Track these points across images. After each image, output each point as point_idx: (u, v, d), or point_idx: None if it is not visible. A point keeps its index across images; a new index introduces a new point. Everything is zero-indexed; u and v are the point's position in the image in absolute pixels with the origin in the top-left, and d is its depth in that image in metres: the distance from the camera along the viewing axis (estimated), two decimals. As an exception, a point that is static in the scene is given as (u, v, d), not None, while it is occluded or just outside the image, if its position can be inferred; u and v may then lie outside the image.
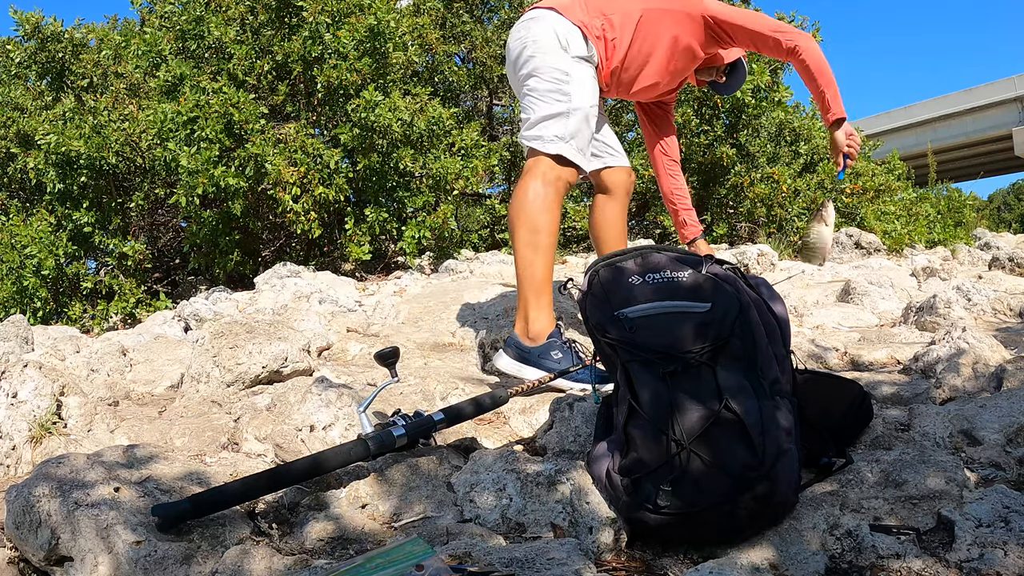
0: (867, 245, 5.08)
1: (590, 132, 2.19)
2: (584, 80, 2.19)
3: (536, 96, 2.17)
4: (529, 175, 2.12)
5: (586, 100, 2.17)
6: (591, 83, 2.21)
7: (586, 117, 2.16)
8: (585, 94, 2.17)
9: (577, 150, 2.14)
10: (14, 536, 1.25)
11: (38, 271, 4.64)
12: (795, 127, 6.31)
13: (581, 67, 2.19)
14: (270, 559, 1.18)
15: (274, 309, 3.36)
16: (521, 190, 2.12)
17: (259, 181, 4.61)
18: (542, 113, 2.14)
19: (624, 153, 2.54)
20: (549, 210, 2.08)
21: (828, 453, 1.43)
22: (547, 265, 2.09)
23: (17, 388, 1.72)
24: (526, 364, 2.05)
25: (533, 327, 2.06)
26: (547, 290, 2.09)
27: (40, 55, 5.85)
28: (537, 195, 2.09)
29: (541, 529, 1.30)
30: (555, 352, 2.03)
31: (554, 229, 2.10)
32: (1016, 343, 2.28)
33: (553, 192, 2.10)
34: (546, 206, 2.08)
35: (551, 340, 2.04)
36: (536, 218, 2.07)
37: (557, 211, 2.11)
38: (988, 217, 12.70)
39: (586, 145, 2.18)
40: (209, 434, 1.78)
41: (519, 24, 2.30)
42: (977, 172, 24.35)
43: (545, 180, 2.10)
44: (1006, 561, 1.12)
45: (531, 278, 2.08)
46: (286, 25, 5.11)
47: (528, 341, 2.06)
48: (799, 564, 1.18)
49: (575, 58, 2.18)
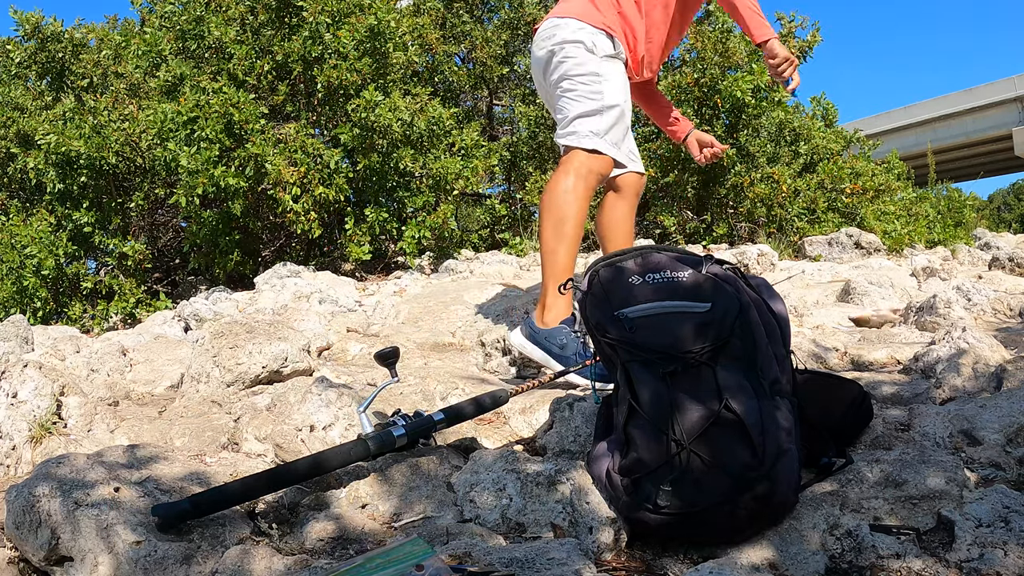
0: (867, 245, 5.08)
1: (625, 127, 2.28)
2: (615, 78, 2.26)
3: (570, 97, 2.25)
4: (562, 168, 2.22)
5: (619, 96, 2.24)
6: (622, 80, 2.28)
7: (621, 113, 2.25)
8: (617, 91, 2.25)
9: (612, 144, 2.23)
10: (14, 536, 1.26)
11: (38, 271, 4.64)
12: (795, 127, 6.30)
13: (611, 65, 2.26)
14: (270, 559, 1.18)
15: (274, 309, 3.36)
16: (553, 182, 2.22)
17: (259, 181, 4.61)
18: (576, 112, 2.23)
19: (640, 161, 2.54)
20: (578, 202, 2.18)
21: (828, 453, 1.43)
22: (569, 255, 2.17)
23: (17, 388, 1.72)
24: (530, 342, 2.15)
25: (548, 314, 2.16)
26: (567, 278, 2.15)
27: (40, 55, 5.85)
28: (568, 188, 2.18)
29: (541, 529, 1.30)
30: (561, 338, 2.11)
31: (580, 220, 2.19)
32: (1016, 343, 2.28)
33: (584, 185, 2.19)
34: (575, 198, 2.17)
35: (560, 327, 2.13)
36: (564, 209, 2.17)
37: (586, 204, 2.21)
38: (988, 217, 12.69)
39: (621, 140, 2.26)
40: (209, 434, 1.78)
41: (542, 31, 2.34)
42: (977, 172, 24.33)
43: (578, 174, 2.19)
44: (1006, 561, 1.12)
45: (552, 265, 2.18)
46: (286, 25, 5.11)
47: (541, 324, 2.16)
48: (799, 564, 1.18)
49: (604, 57, 2.25)
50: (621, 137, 2.27)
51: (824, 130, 6.73)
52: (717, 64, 5.53)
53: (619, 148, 2.26)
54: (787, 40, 6.20)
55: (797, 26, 6.28)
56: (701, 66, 5.56)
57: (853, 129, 7.34)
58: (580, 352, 2.08)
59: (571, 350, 2.09)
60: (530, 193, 5.78)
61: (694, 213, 5.95)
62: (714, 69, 5.51)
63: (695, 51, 5.69)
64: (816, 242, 5.21)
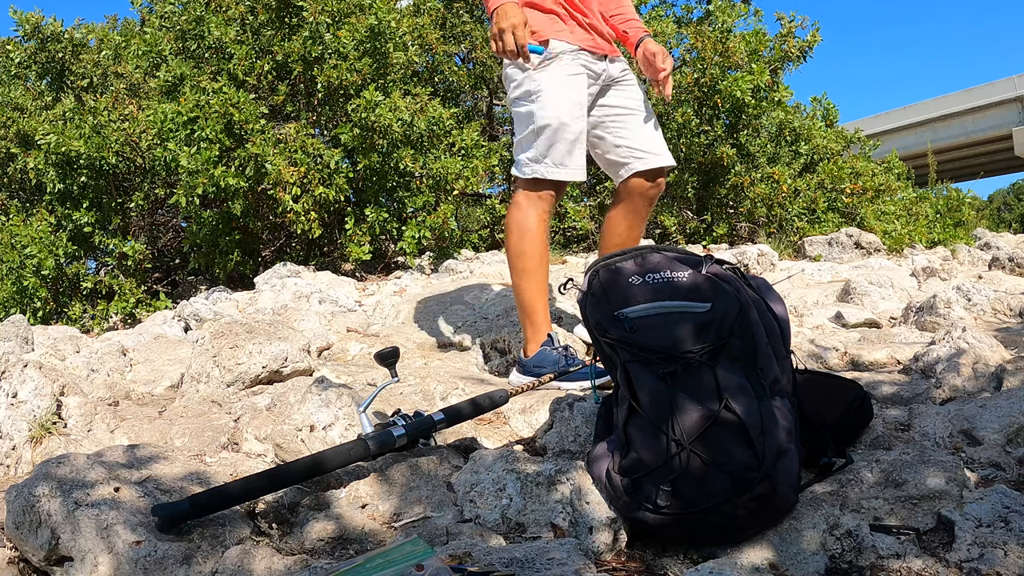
0: (867, 245, 5.08)
1: (569, 141, 2.15)
2: (550, 87, 2.14)
3: (515, 125, 2.26)
4: (512, 203, 2.25)
5: (551, 112, 2.13)
6: (560, 87, 2.15)
7: (557, 128, 2.13)
8: (550, 106, 2.14)
9: (553, 165, 2.16)
10: (14, 536, 1.26)
11: (38, 271, 4.64)
12: (795, 127, 6.30)
13: (545, 74, 2.15)
14: (270, 559, 1.18)
15: (274, 309, 3.36)
16: (506, 221, 2.26)
17: (259, 181, 4.61)
18: (517, 139, 2.24)
19: (657, 152, 2.30)
20: (529, 234, 2.19)
21: (828, 453, 1.43)
22: (533, 289, 2.21)
23: (17, 388, 1.72)
24: (525, 375, 2.18)
25: (529, 345, 2.22)
26: (537, 308, 2.22)
27: (40, 55, 5.85)
28: (518, 224, 2.21)
29: (541, 529, 1.30)
30: (546, 359, 2.16)
31: (539, 251, 2.21)
32: (1016, 343, 2.28)
33: (535, 214, 2.20)
34: (526, 229, 2.20)
35: (542, 349, 2.18)
36: (517, 245, 2.21)
37: (539, 232, 2.20)
38: (988, 217, 12.69)
39: (565, 156, 2.15)
40: (209, 434, 1.78)
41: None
42: (977, 172, 24.33)
43: (523, 206, 2.21)
44: (1006, 561, 1.12)
45: (520, 303, 2.25)
46: (286, 25, 5.11)
47: (527, 356, 2.22)
48: (799, 564, 1.18)
49: (538, 69, 2.15)
50: (565, 152, 2.15)
51: (825, 130, 6.73)
52: (717, 64, 5.53)
53: (564, 165, 2.15)
54: (787, 40, 6.20)
55: (797, 26, 6.28)
56: (701, 66, 5.55)
57: (853, 129, 7.34)
58: (565, 363, 2.12)
59: (555, 362, 2.14)
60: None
61: (694, 213, 5.95)
62: (714, 69, 5.51)
63: (695, 51, 5.69)
64: (816, 242, 5.21)
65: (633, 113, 2.30)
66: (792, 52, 6.21)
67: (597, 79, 2.25)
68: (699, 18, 6.81)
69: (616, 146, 2.29)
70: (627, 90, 2.32)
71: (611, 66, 2.28)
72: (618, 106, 2.29)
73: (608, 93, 2.29)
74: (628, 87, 2.32)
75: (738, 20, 5.91)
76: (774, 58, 6.15)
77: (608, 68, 2.27)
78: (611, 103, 2.29)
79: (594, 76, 2.24)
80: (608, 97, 2.29)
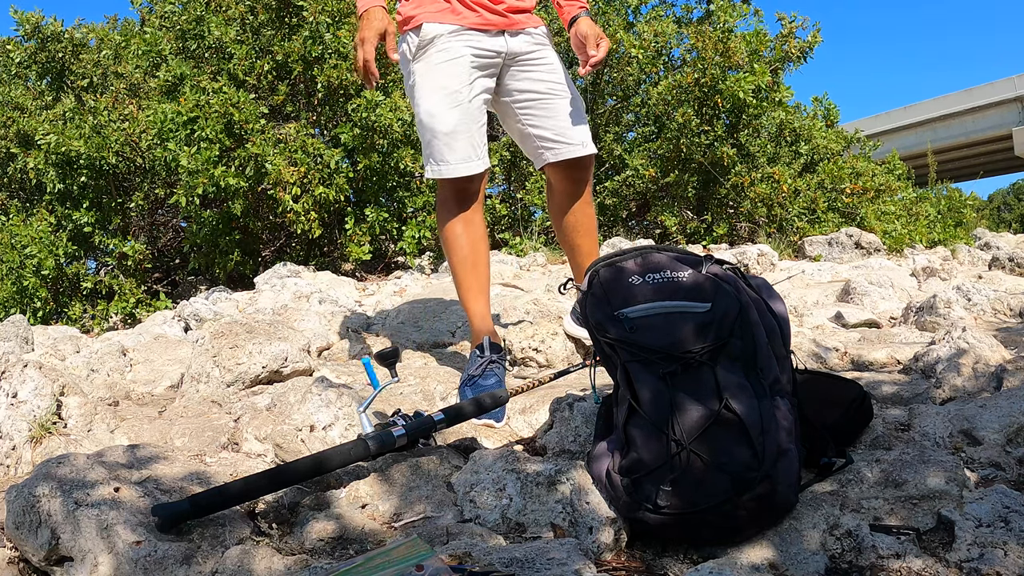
0: (867, 245, 5.08)
1: (443, 133, 1.99)
2: (420, 84, 2.01)
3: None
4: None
5: (423, 108, 2.00)
6: (428, 80, 1.99)
7: (430, 126, 2.00)
8: (423, 102, 2.01)
9: (436, 163, 2.03)
10: (14, 536, 1.26)
11: (38, 271, 4.64)
12: (795, 127, 6.31)
13: (418, 67, 2.01)
14: (270, 559, 1.18)
15: (274, 309, 3.36)
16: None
17: (259, 181, 4.62)
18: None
19: (570, 141, 2.08)
20: (446, 236, 2.14)
21: (828, 453, 1.43)
22: (461, 281, 2.14)
23: (17, 388, 1.72)
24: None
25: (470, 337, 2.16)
26: (469, 309, 2.15)
27: (40, 55, 5.85)
28: (440, 226, 2.15)
29: (541, 529, 1.30)
30: (471, 365, 2.05)
31: (461, 243, 2.10)
32: (1016, 343, 2.28)
33: (445, 212, 2.12)
34: (443, 233, 2.15)
35: (473, 351, 2.08)
36: (445, 246, 2.16)
37: (458, 225, 2.10)
38: (988, 217, 12.70)
39: (444, 151, 2.00)
40: (209, 434, 1.78)
41: None
42: (977, 172, 24.31)
43: (440, 206, 2.15)
44: (1006, 561, 1.12)
45: (459, 297, 2.18)
46: (286, 25, 5.11)
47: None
48: (799, 564, 1.18)
49: (415, 60, 2.02)
50: (444, 147, 1.99)
51: (825, 130, 6.73)
52: (718, 64, 5.53)
53: (447, 161, 2.01)
54: (788, 40, 6.20)
55: (797, 27, 6.28)
56: (702, 66, 5.55)
57: (854, 129, 7.34)
58: (482, 375, 1.99)
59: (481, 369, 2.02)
60: (530, 193, 5.78)
61: (694, 213, 5.95)
62: (715, 69, 5.51)
63: (695, 51, 5.69)
64: (816, 242, 5.21)
65: (543, 97, 2.07)
66: (793, 52, 6.22)
67: (494, 57, 2.03)
68: (699, 18, 6.82)
69: (526, 135, 2.11)
70: (536, 70, 2.08)
71: (512, 40, 2.05)
72: (526, 90, 2.08)
73: (516, 74, 2.08)
74: (538, 66, 2.09)
75: (739, 20, 5.91)
76: (775, 58, 6.15)
77: (509, 43, 2.04)
78: (519, 87, 2.08)
79: (488, 55, 2.02)
80: (516, 80, 2.08)
